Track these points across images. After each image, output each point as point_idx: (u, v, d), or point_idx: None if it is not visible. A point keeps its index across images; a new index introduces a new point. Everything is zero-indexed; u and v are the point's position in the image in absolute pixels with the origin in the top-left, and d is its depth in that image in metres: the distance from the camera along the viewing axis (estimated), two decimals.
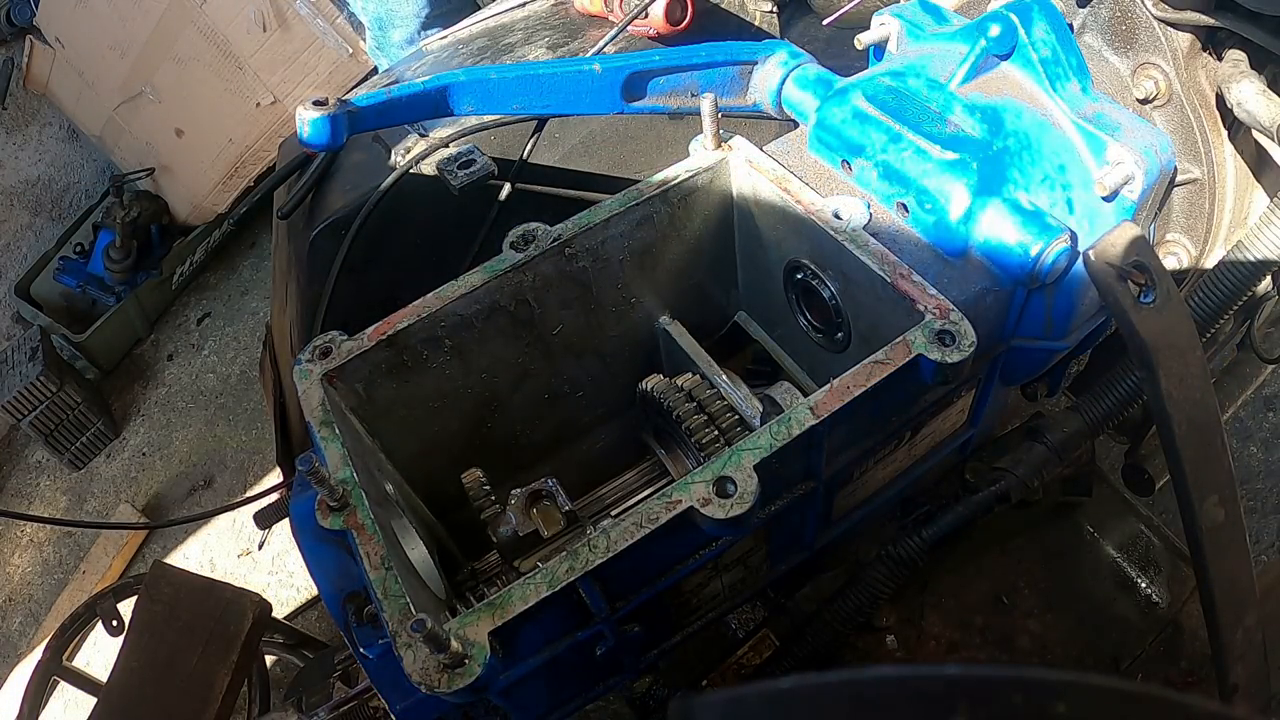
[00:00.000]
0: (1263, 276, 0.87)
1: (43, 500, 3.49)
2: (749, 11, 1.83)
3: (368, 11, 2.83)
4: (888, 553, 1.01)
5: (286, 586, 2.87)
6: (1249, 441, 2.32)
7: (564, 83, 1.01)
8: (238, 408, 3.48)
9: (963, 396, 0.98)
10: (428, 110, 0.98)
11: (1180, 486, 0.79)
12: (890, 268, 0.86)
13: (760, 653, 1.10)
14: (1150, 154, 0.89)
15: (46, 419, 3.33)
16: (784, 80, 1.06)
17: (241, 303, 3.90)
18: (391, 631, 0.68)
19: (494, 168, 1.27)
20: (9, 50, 3.94)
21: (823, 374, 1.07)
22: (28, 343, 3.44)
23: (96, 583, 3.04)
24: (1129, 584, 1.10)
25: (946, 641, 1.08)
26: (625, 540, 0.70)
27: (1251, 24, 0.85)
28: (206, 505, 3.16)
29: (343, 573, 0.82)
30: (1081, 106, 0.93)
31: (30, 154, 4.05)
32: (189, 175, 3.79)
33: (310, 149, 0.90)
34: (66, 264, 3.88)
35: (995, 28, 0.94)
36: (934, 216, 0.88)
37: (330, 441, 0.80)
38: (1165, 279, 0.75)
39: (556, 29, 1.64)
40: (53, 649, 1.67)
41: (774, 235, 1.01)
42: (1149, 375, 0.76)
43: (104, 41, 3.56)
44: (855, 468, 0.94)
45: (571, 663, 0.89)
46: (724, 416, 0.94)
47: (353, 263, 1.38)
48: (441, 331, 0.92)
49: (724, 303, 1.16)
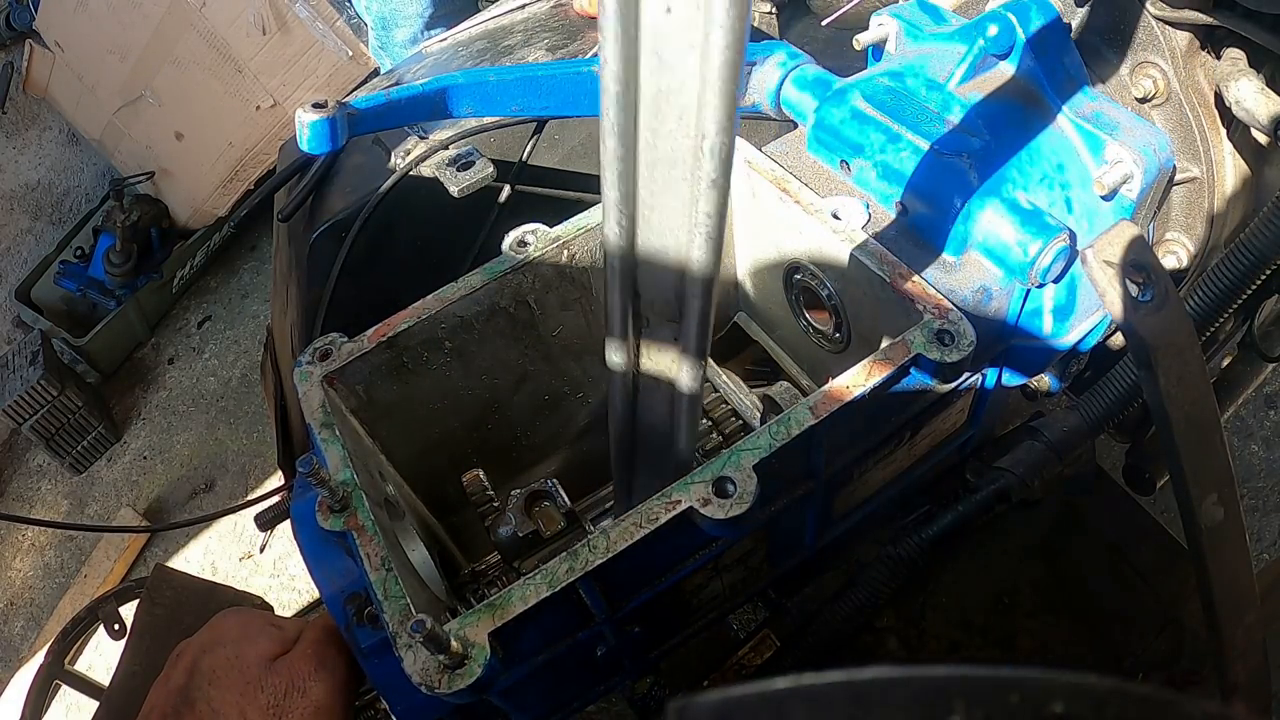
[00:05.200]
0: (1262, 275, 0.87)
1: (44, 504, 3.49)
2: None
3: (371, 11, 2.83)
4: (888, 553, 1.01)
5: (288, 589, 2.87)
6: (1250, 440, 2.31)
7: (563, 84, 1.01)
8: (239, 411, 3.48)
9: (963, 396, 0.98)
10: (427, 112, 0.99)
11: (1179, 485, 0.79)
12: (889, 268, 0.86)
13: (761, 653, 1.10)
14: (1149, 153, 0.89)
15: (47, 423, 3.33)
16: (782, 81, 1.06)
17: (242, 306, 3.90)
18: (392, 632, 0.68)
19: (493, 170, 1.27)
20: (8, 54, 3.95)
21: (823, 374, 1.07)
22: (28, 347, 3.44)
23: (98, 586, 3.04)
24: (1129, 583, 1.10)
25: (947, 641, 1.08)
26: (625, 540, 0.70)
27: (1250, 22, 0.85)
28: (208, 508, 3.16)
29: (343, 574, 0.82)
30: (1080, 105, 0.93)
31: (30, 158, 4.06)
32: (189, 179, 3.79)
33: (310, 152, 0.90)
34: (67, 268, 3.88)
35: (993, 27, 0.94)
36: (933, 216, 0.88)
37: (331, 443, 0.80)
38: (1164, 278, 0.75)
39: (556, 31, 1.64)
40: (54, 653, 1.67)
41: (773, 235, 1.01)
42: (1148, 374, 0.76)
43: (104, 45, 3.56)
44: (855, 468, 0.94)
45: (572, 663, 0.89)
46: (723, 417, 0.94)
47: (353, 265, 1.38)
48: (441, 333, 0.92)
49: (724, 303, 1.16)
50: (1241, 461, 2.27)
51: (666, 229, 0.60)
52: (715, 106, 0.51)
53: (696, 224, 0.58)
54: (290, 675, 0.80)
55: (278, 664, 0.82)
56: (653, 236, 0.61)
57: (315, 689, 0.80)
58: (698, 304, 0.64)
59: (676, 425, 0.76)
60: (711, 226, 0.58)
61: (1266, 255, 0.84)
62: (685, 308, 0.65)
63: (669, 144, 0.55)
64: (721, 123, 0.52)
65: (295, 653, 0.83)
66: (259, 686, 0.79)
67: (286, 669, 0.81)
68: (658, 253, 0.62)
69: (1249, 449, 2.30)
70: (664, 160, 0.56)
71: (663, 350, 0.70)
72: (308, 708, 0.79)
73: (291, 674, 0.80)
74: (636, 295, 0.66)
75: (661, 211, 0.59)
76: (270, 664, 0.81)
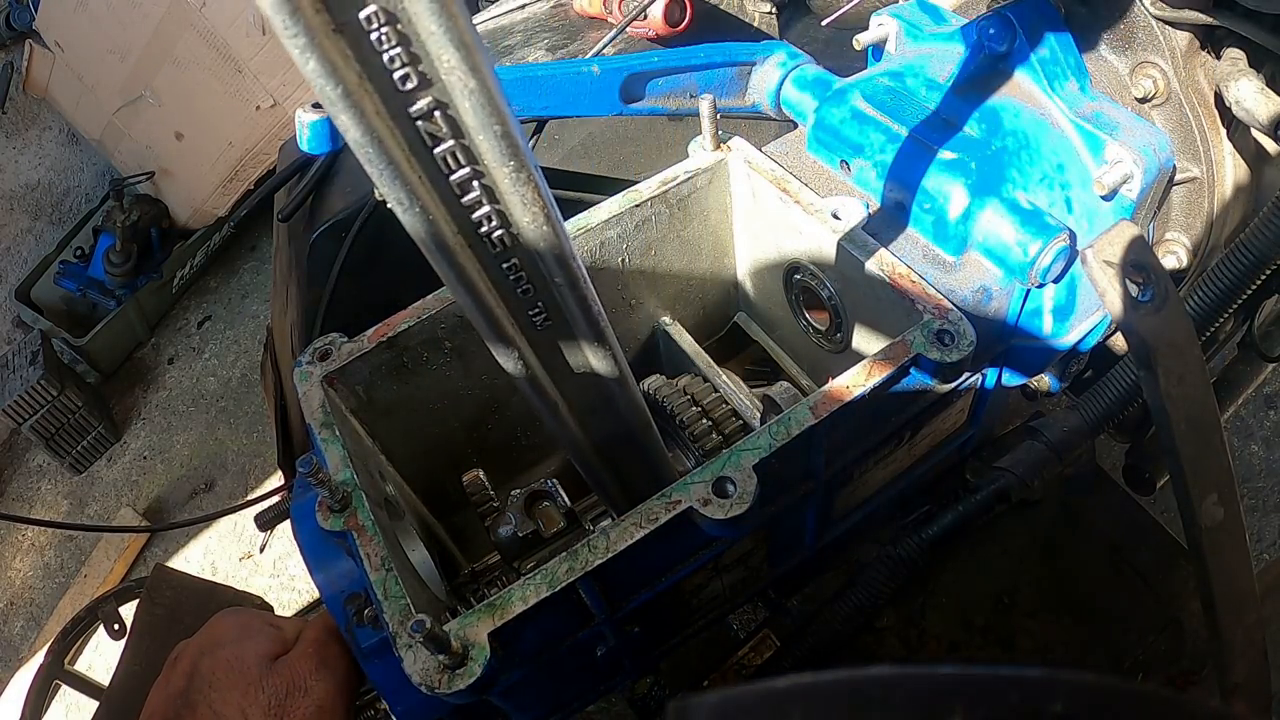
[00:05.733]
0: (1262, 275, 0.87)
1: (44, 504, 3.49)
2: (748, 12, 1.83)
3: None
4: (888, 553, 1.01)
5: (288, 589, 2.87)
6: (1250, 440, 2.31)
7: (563, 84, 1.01)
8: (238, 411, 3.48)
9: (963, 396, 0.98)
10: None
11: (1179, 485, 0.79)
12: (889, 267, 0.86)
13: (761, 653, 1.10)
14: (1149, 153, 0.89)
15: (47, 423, 3.33)
16: (782, 81, 1.06)
17: (242, 306, 3.90)
18: (392, 632, 0.68)
19: None
20: (8, 54, 3.95)
21: (822, 374, 1.07)
22: (28, 347, 3.44)
23: (98, 586, 3.04)
24: (1129, 583, 1.10)
25: (947, 641, 1.08)
26: (625, 540, 0.70)
27: (1250, 22, 0.85)
28: (208, 508, 3.16)
29: (343, 574, 0.82)
30: (1080, 105, 0.93)
31: (30, 158, 4.06)
32: (189, 178, 3.79)
33: (310, 152, 0.90)
34: (67, 268, 3.88)
35: (993, 28, 0.94)
36: (933, 216, 0.88)
37: (331, 443, 0.80)
38: (1163, 278, 0.75)
39: (556, 31, 1.64)
40: (54, 653, 1.67)
41: (773, 236, 1.01)
42: (1148, 374, 0.76)
43: (103, 45, 3.56)
44: (855, 468, 0.94)
45: (572, 664, 0.89)
46: (724, 417, 0.94)
47: (353, 265, 1.38)
48: (441, 333, 0.92)
49: (724, 303, 1.16)
50: (1241, 461, 2.27)
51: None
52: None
53: (526, 201, 0.53)
54: (291, 675, 0.80)
55: (278, 664, 0.81)
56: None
57: (317, 688, 0.80)
58: (564, 284, 0.59)
59: (618, 406, 0.73)
60: (529, 193, 0.52)
61: (1266, 255, 0.84)
62: (561, 296, 0.60)
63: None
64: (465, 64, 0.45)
65: (295, 652, 0.83)
66: (260, 687, 0.78)
67: (287, 669, 0.81)
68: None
69: (1249, 449, 2.30)
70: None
71: (564, 343, 0.66)
72: (310, 707, 0.78)
73: (292, 674, 0.80)
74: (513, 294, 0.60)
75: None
76: (270, 664, 0.81)
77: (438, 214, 0.52)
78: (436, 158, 0.49)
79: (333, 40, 0.42)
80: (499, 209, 0.53)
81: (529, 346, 0.64)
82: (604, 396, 0.72)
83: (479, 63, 0.45)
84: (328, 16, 0.41)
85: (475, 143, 0.49)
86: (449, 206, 0.52)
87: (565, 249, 0.57)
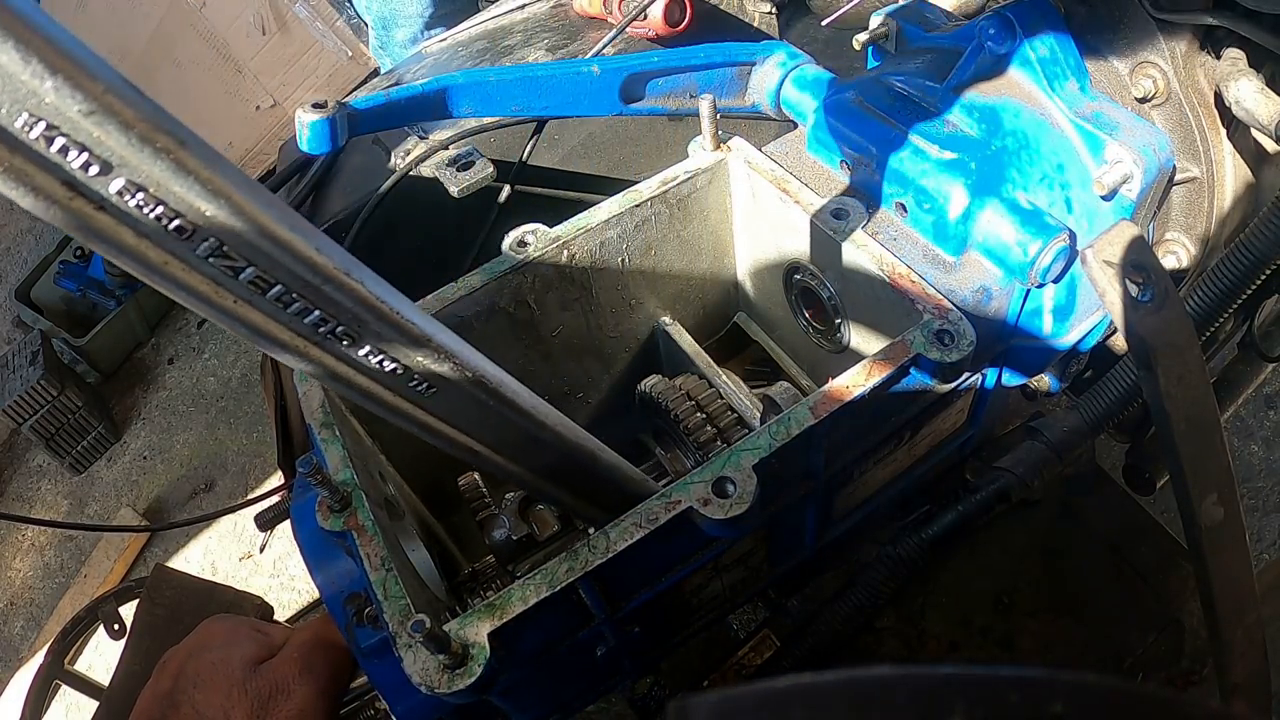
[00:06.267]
0: (1262, 275, 0.87)
1: (44, 504, 3.49)
2: (748, 13, 1.83)
3: (371, 11, 2.83)
4: (888, 553, 1.01)
5: (288, 589, 2.87)
6: (1250, 440, 2.31)
7: (563, 84, 1.01)
8: (239, 411, 3.48)
9: (962, 396, 0.98)
10: (427, 112, 0.99)
11: (1179, 485, 0.79)
12: (889, 268, 0.86)
13: (761, 653, 1.10)
14: (1149, 153, 0.89)
15: (47, 423, 3.33)
16: (782, 81, 1.06)
17: None
18: (392, 632, 0.68)
19: (493, 170, 1.28)
20: None
21: (822, 374, 1.07)
22: (28, 347, 3.44)
23: (98, 586, 3.04)
24: (1129, 583, 1.10)
25: (947, 641, 1.08)
26: (624, 540, 0.70)
27: (1250, 22, 0.85)
28: (208, 508, 3.16)
29: (343, 574, 0.82)
30: (1080, 105, 0.93)
31: None
32: None
33: (309, 152, 0.90)
34: (67, 268, 3.88)
35: (993, 28, 0.94)
36: (933, 216, 0.88)
37: (331, 443, 0.80)
38: (1163, 277, 0.75)
39: (556, 31, 1.64)
40: (54, 653, 1.67)
41: (773, 236, 1.01)
42: (1147, 374, 0.76)
43: (103, 46, 3.56)
44: (855, 468, 0.94)
45: (572, 664, 0.89)
46: (723, 417, 0.94)
47: None
48: None
49: (724, 303, 1.16)
50: (1241, 461, 2.27)
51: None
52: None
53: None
54: (274, 679, 0.81)
55: (262, 668, 0.83)
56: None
57: (299, 692, 0.81)
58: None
59: (548, 442, 0.70)
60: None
61: (1266, 255, 0.84)
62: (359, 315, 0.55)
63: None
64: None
65: (280, 657, 0.84)
66: (243, 689, 0.80)
67: (271, 672, 0.82)
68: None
69: (1249, 449, 2.30)
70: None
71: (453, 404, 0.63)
72: (291, 710, 0.80)
73: (275, 677, 0.81)
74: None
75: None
76: (255, 668, 0.82)
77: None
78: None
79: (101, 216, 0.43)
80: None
81: (418, 409, 0.63)
82: (527, 437, 0.71)
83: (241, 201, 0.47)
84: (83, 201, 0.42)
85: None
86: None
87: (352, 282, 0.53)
